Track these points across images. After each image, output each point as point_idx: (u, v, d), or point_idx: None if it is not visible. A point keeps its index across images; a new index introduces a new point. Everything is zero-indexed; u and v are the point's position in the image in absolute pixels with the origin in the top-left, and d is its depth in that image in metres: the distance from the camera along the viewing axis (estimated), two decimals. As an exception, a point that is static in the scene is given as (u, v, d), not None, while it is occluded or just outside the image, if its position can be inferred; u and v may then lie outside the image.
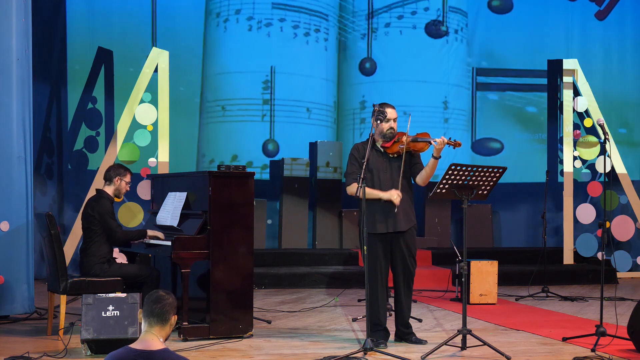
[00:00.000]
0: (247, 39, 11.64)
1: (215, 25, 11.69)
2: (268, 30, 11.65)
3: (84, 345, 5.55)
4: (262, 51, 11.65)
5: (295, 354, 5.70)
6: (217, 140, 11.70)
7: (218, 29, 11.67)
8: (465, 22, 12.38)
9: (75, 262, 8.84)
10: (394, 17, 12.10)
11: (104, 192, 6.52)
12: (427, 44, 12.13)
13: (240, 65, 11.63)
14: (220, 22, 11.67)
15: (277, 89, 11.70)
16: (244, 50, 11.62)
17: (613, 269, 10.22)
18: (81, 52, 10.83)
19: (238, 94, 11.66)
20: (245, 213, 6.28)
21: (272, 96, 11.69)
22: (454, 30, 12.21)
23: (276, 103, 11.72)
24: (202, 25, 11.81)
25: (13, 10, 7.14)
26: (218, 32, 11.69)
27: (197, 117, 11.78)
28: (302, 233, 10.94)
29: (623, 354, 5.71)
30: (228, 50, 11.68)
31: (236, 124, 11.67)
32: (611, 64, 12.32)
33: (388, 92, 11.68)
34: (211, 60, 11.75)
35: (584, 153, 10.61)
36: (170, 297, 3.72)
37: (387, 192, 5.96)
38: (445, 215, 11.52)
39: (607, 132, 6.29)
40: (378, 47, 12.13)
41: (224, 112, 11.66)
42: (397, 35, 12.10)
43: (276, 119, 11.74)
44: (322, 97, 11.97)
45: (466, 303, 5.97)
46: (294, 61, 11.76)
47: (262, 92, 11.64)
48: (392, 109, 6.08)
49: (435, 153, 5.91)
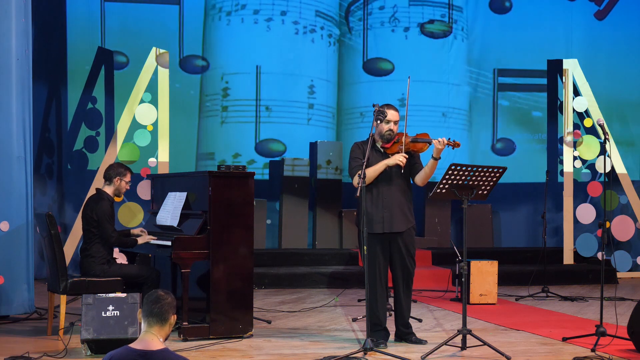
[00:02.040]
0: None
1: (218, 20, 11.69)
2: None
3: (84, 345, 5.55)
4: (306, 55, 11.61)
5: (295, 354, 5.70)
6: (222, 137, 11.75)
7: (221, 23, 11.67)
8: (465, 22, 12.38)
9: (75, 262, 8.84)
10: (395, 17, 12.10)
11: (104, 192, 6.51)
12: (427, 44, 12.13)
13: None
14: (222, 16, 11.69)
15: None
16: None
17: (613, 269, 10.22)
18: (81, 52, 10.83)
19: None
20: (245, 213, 6.28)
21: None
22: (456, 29, 12.22)
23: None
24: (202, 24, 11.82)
25: (13, 10, 7.14)
26: (221, 26, 11.70)
27: (197, 116, 11.77)
28: (302, 233, 10.94)
29: (623, 354, 5.71)
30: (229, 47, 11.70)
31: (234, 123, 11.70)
32: (611, 64, 12.32)
33: (389, 91, 11.70)
34: (214, 57, 11.77)
35: (584, 152, 10.61)
36: (169, 296, 3.72)
37: (391, 158, 5.94)
38: (445, 215, 11.52)
39: (607, 132, 6.29)
40: (379, 46, 12.13)
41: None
42: (399, 35, 12.12)
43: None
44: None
45: (466, 303, 5.97)
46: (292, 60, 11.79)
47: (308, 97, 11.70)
48: (393, 110, 6.06)
49: (435, 154, 5.90)
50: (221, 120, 11.62)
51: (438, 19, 12.17)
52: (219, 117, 11.64)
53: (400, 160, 5.90)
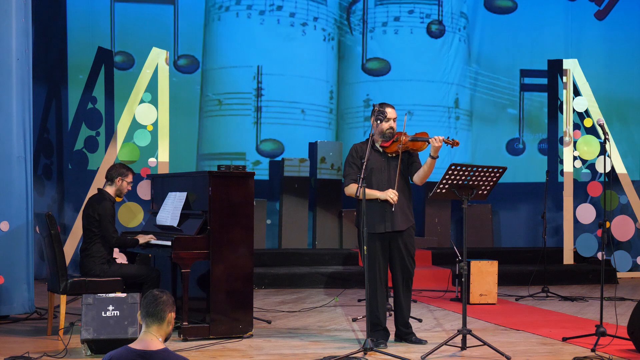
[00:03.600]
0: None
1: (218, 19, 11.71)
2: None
3: (84, 345, 5.55)
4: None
5: (295, 354, 5.70)
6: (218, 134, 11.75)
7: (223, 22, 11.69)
8: (465, 21, 12.38)
9: (75, 262, 8.84)
10: (396, 16, 12.10)
11: (106, 192, 6.51)
12: (428, 44, 12.13)
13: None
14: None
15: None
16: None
17: (613, 269, 10.22)
18: (81, 52, 10.83)
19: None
20: (245, 213, 6.28)
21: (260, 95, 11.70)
22: (456, 29, 12.21)
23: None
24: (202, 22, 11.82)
25: (13, 10, 7.14)
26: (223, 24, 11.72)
27: (197, 116, 11.78)
28: (302, 233, 10.94)
29: (623, 354, 5.71)
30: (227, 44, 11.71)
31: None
32: (611, 64, 12.32)
33: (389, 91, 11.70)
34: (211, 55, 11.77)
35: (584, 153, 10.61)
36: (164, 295, 3.72)
37: (384, 192, 5.96)
38: (445, 215, 11.52)
39: (607, 132, 6.29)
40: (379, 46, 12.13)
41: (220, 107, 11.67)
42: (400, 34, 12.11)
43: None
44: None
45: (466, 303, 5.97)
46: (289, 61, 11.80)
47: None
48: (391, 108, 6.10)
49: (433, 152, 5.91)
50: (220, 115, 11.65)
51: (438, 19, 12.16)
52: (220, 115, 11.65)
53: (391, 197, 5.91)
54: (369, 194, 5.87)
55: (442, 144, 5.86)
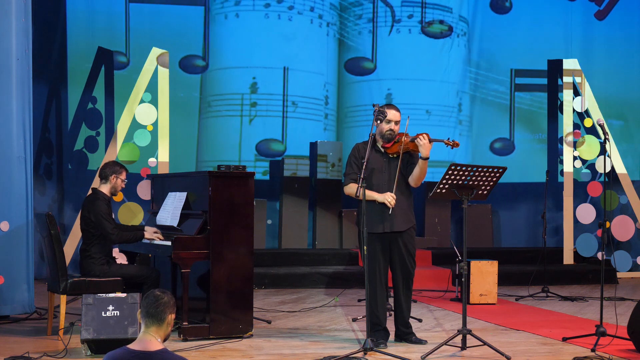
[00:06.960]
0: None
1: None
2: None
3: (84, 345, 5.55)
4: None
5: (295, 354, 5.70)
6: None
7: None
8: (465, 22, 12.38)
9: (75, 262, 8.84)
10: (395, 17, 12.10)
11: (100, 191, 6.50)
12: (428, 44, 12.14)
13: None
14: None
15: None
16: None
17: (613, 269, 10.22)
18: (81, 52, 10.83)
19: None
20: (245, 213, 6.28)
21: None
22: (456, 30, 12.22)
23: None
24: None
25: (13, 10, 7.14)
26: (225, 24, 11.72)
27: (197, 116, 11.78)
28: (302, 233, 10.94)
29: (623, 354, 5.71)
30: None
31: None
32: (611, 64, 12.32)
33: (394, 91, 11.71)
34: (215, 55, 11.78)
35: (583, 152, 10.61)
36: (165, 295, 3.71)
37: (382, 195, 5.96)
38: (445, 215, 11.52)
39: (607, 132, 6.29)
40: (380, 45, 12.13)
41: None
42: (402, 34, 12.12)
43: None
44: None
45: (466, 303, 5.97)
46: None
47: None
48: (394, 110, 6.05)
49: (422, 153, 5.88)
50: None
51: (438, 19, 12.16)
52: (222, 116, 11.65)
53: (389, 201, 5.91)
54: (368, 195, 5.87)
55: (427, 141, 5.83)
